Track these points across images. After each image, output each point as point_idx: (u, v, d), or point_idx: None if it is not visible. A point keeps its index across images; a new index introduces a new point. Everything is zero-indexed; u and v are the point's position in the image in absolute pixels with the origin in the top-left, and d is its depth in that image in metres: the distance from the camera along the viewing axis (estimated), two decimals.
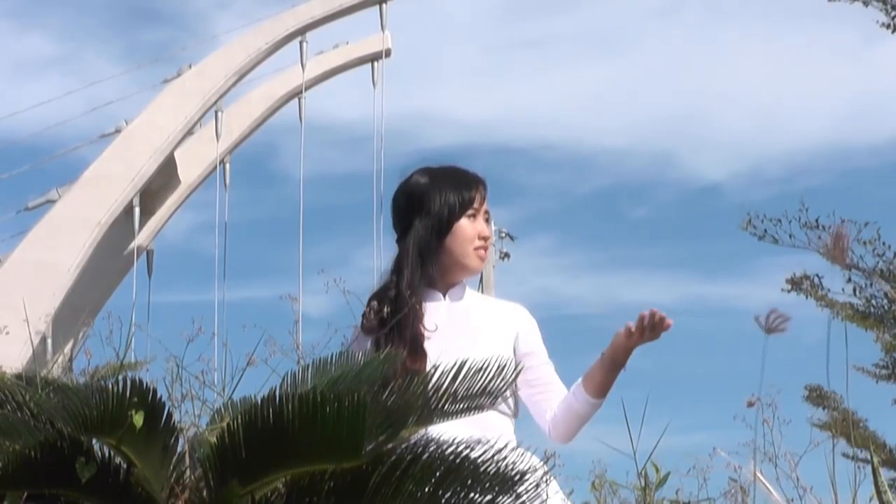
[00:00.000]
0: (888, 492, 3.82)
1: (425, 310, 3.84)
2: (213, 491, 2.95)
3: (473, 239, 3.91)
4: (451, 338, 3.78)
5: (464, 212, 3.90)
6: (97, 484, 2.95)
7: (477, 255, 3.91)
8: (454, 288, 3.94)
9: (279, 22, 26.07)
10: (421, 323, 3.81)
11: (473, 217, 3.92)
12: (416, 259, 3.87)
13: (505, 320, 3.92)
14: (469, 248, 3.90)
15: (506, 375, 3.22)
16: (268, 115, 27.45)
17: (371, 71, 27.09)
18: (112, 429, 2.86)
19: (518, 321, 3.94)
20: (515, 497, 2.99)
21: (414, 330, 3.79)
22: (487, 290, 22.29)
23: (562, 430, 3.85)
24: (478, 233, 3.91)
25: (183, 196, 27.01)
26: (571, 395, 3.85)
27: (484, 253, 3.93)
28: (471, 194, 3.92)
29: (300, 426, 2.80)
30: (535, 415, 3.93)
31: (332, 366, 3.52)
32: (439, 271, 3.90)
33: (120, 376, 2.86)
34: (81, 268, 23.93)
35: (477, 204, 3.93)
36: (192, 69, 25.94)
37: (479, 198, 3.94)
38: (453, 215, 3.89)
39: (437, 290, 3.91)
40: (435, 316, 3.84)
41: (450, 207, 3.89)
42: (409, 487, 2.95)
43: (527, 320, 3.96)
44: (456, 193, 3.91)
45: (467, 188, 3.93)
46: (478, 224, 3.92)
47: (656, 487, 4.23)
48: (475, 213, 3.92)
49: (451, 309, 3.89)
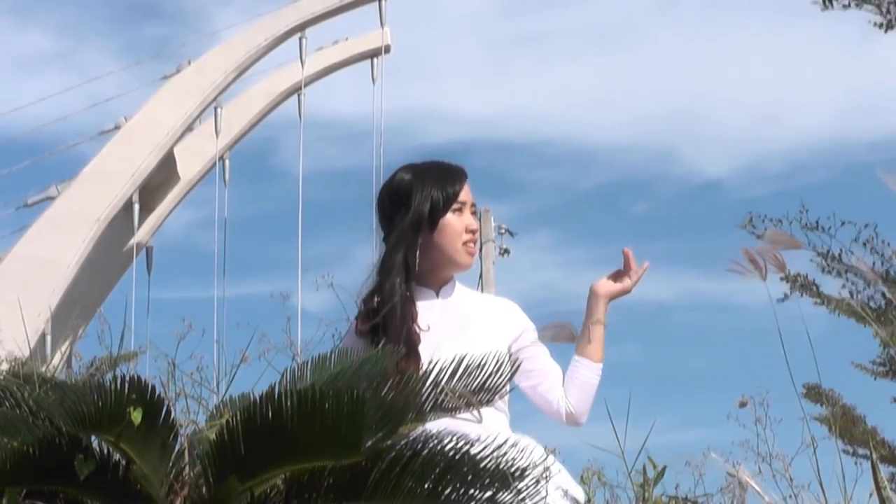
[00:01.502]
0: (888, 487, 3.82)
1: (418, 308, 3.83)
2: (212, 487, 2.95)
3: (461, 233, 3.87)
4: (445, 335, 3.76)
5: (449, 206, 3.87)
6: (96, 481, 2.95)
7: (466, 249, 3.89)
8: (446, 285, 3.93)
9: (279, 18, 26.04)
10: (414, 323, 3.80)
11: (460, 211, 3.89)
12: (401, 259, 3.85)
13: (497, 316, 3.91)
14: (458, 244, 3.87)
15: (503, 371, 3.22)
16: (267, 112, 27.42)
17: (371, 67, 27.06)
18: (111, 426, 2.86)
19: (510, 317, 3.93)
20: (515, 493, 2.99)
21: (408, 330, 3.78)
22: (487, 287, 22.26)
23: (577, 403, 3.86)
24: (465, 226, 3.88)
25: (182, 192, 26.99)
26: (573, 369, 3.88)
27: (473, 247, 3.90)
28: (455, 188, 3.88)
29: (299, 422, 2.80)
30: (540, 404, 3.91)
31: (331, 362, 3.52)
32: (429, 268, 3.87)
33: (118, 373, 2.86)
34: (81, 264, 23.91)
35: (463, 197, 3.90)
36: (191, 65, 25.92)
37: (465, 191, 3.91)
38: (438, 211, 3.86)
39: (429, 288, 3.89)
40: (428, 314, 3.82)
41: (433, 203, 3.86)
42: (408, 484, 2.95)
43: (518, 316, 3.96)
44: (440, 189, 3.87)
45: (451, 183, 3.89)
46: (465, 218, 3.89)
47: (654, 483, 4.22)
48: (461, 206, 3.89)
49: (445, 306, 3.88)
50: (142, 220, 25.60)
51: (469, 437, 3.01)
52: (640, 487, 4.20)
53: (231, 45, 25.97)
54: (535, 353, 3.91)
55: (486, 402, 3.31)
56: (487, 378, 3.20)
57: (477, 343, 3.63)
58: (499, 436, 3.07)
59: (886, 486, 3.82)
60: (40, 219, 24.43)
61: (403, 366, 3.62)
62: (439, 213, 3.86)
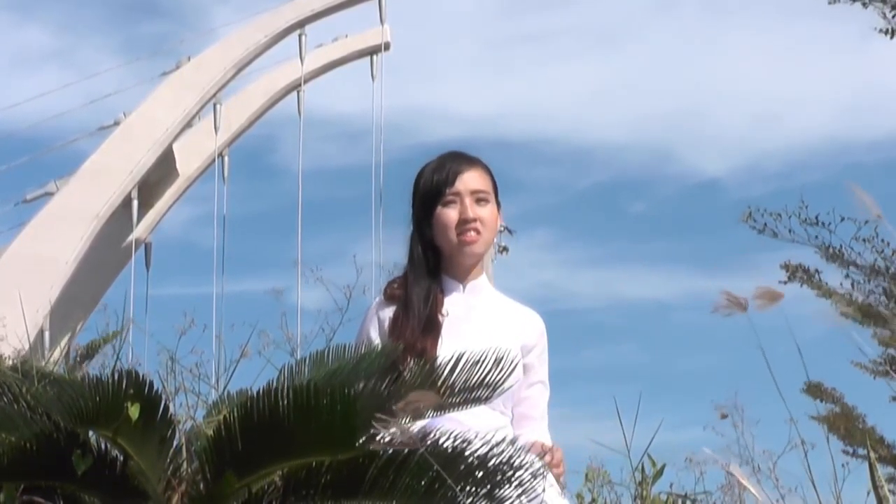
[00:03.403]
0: (885, 486, 3.81)
1: (442, 299, 3.82)
2: (209, 483, 2.95)
3: (452, 226, 3.83)
4: (461, 330, 3.75)
5: (437, 201, 3.84)
6: (94, 476, 2.95)
7: (462, 239, 3.82)
8: (474, 281, 3.90)
9: (278, 15, 26.04)
10: (438, 307, 3.79)
11: (454, 203, 3.86)
12: (418, 252, 3.86)
13: (517, 323, 3.87)
14: (449, 235, 3.83)
15: (503, 368, 3.22)
16: (266, 109, 27.42)
17: (370, 64, 27.05)
18: (108, 421, 2.85)
19: (531, 329, 3.89)
20: (512, 490, 2.99)
21: (431, 311, 3.77)
22: None
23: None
24: (458, 217, 3.82)
25: (181, 189, 26.99)
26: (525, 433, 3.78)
27: (473, 235, 3.82)
28: (443, 181, 3.85)
29: (296, 419, 2.80)
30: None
31: (329, 359, 3.51)
32: (447, 260, 3.87)
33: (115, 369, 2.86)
34: (79, 260, 23.92)
35: (458, 188, 3.84)
36: (190, 62, 25.91)
37: (462, 181, 3.85)
38: (430, 206, 3.86)
39: (456, 280, 3.88)
40: (450, 306, 3.82)
41: (423, 198, 3.86)
42: (405, 481, 2.94)
43: (539, 332, 3.91)
44: (430, 183, 3.85)
45: (441, 175, 3.86)
46: (460, 208, 3.84)
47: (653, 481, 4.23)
48: (456, 197, 3.85)
49: (468, 301, 3.86)
50: (140, 217, 25.60)
51: (466, 434, 3.01)
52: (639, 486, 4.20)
53: (230, 42, 25.96)
54: (536, 387, 3.87)
55: (485, 398, 3.31)
56: (487, 374, 3.20)
57: (489, 343, 3.59)
58: (497, 433, 3.06)
59: (884, 486, 3.82)
60: (39, 215, 24.43)
61: (421, 344, 3.64)
62: (431, 207, 3.85)
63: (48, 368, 3.34)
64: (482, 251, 3.90)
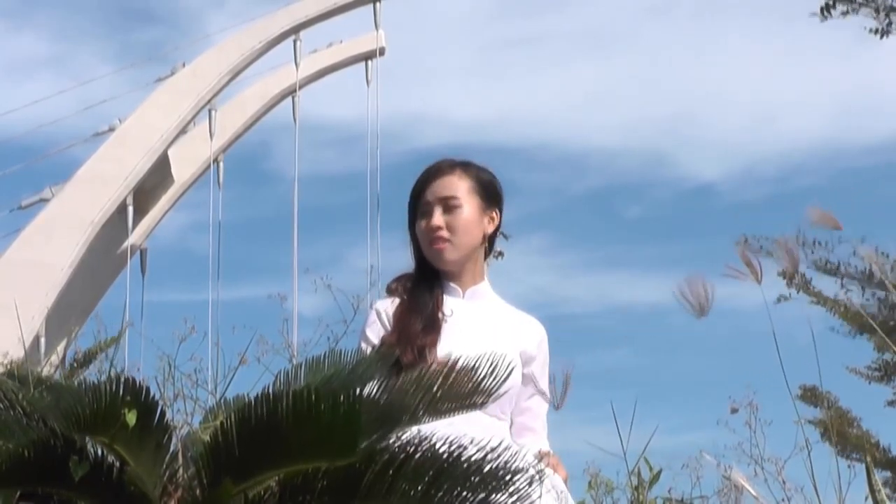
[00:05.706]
0: (882, 490, 3.82)
1: (443, 299, 3.83)
2: (206, 489, 2.94)
3: (423, 236, 3.84)
4: (459, 334, 3.75)
5: (415, 214, 3.87)
6: (90, 482, 2.94)
7: (433, 249, 3.82)
8: (474, 286, 3.90)
9: (273, 21, 26.06)
10: (439, 306, 3.80)
11: (426, 213, 3.84)
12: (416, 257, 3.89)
13: (517, 329, 3.86)
14: (425, 245, 3.84)
15: (498, 374, 3.21)
16: (261, 114, 27.45)
17: (365, 70, 27.08)
18: (105, 427, 2.85)
19: (531, 336, 3.88)
20: (508, 496, 2.99)
21: (432, 309, 3.77)
22: None
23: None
24: (427, 228, 3.82)
25: (176, 195, 27.00)
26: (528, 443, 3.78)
27: (441, 244, 3.80)
28: (414, 194, 3.87)
29: (294, 424, 2.79)
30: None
31: (326, 364, 3.51)
32: (440, 270, 3.88)
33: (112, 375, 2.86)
34: (75, 267, 23.92)
35: (427, 197, 3.84)
36: (185, 68, 25.94)
37: (431, 191, 3.85)
38: (412, 218, 3.88)
39: (456, 286, 3.89)
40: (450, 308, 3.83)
41: (407, 210, 3.90)
42: (402, 486, 2.94)
43: (539, 340, 3.90)
44: (410, 196, 3.89)
45: (415, 187, 3.88)
46: (429, 219, 3.83)
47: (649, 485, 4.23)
48: (428, 207, 3.84)
49: (468, 306, 3.86)
50: (136, 223, 25.61)
51: (463, 440, 3.01)
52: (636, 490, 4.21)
53: (225, 48, 25.98)
54: (536, 399, 3.86)
55: (480, 403, 3.31)
56: (482, 380, 3.20)
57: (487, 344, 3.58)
58: (493, 438, 3.06)
59: (881, 490, 3.83)
60: (34, 221, 24.44)
61: (423, 340, 3.66)
62: (412, 221, 3.88)
63: (45, 374, 3.34)
64: (455, 257, 3.86)
